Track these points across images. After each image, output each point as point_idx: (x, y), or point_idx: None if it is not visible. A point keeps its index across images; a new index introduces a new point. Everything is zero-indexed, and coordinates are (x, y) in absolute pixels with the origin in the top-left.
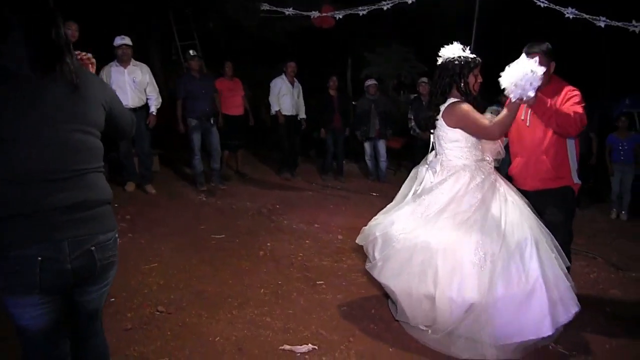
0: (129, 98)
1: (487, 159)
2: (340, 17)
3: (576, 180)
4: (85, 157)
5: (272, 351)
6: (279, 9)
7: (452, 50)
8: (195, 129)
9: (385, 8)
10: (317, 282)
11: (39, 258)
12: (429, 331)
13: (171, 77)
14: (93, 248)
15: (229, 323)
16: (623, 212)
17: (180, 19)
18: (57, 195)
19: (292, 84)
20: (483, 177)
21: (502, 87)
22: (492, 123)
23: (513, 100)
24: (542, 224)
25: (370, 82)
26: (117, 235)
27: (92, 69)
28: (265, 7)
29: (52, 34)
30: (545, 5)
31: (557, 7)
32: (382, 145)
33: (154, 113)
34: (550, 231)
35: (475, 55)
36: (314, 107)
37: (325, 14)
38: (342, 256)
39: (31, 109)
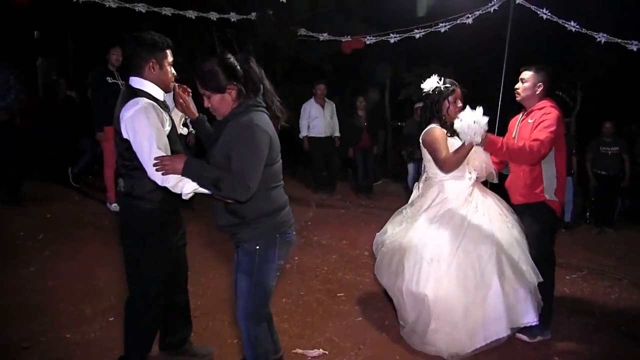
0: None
1: (469, 175)
2: (372, 42)
3: (549, 197)
4: None
5: (286, 354)
6: (314, 35)
7: (430, 84)
8: None
9: (417, 36)
10: (338, 294)
11: (294, 234)
12: (405, 327)
13: None
14: None
15: None
16: None
17: (225, 41)
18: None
19: (323, 105)
20: (456, 192)
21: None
22: (445, 157)
23: (465, 143)
24: (519, 239)
25: (418, 104)
26: None
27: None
28: (302, 32)
29: None
30: (577, 29)
31: (589, 32)
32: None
33: (193, 132)
34: (528, 243)
35: (449, 85)
36: (344, 127)
37: (354, 38)
38: (366, 271)
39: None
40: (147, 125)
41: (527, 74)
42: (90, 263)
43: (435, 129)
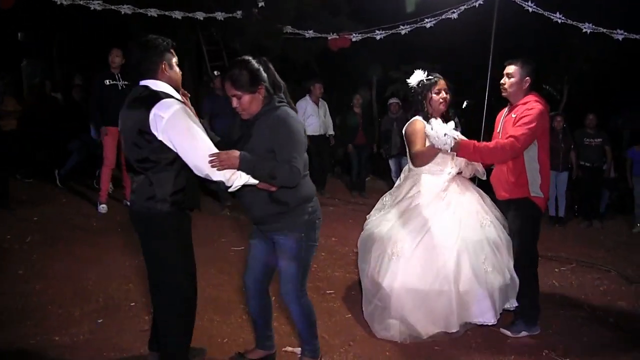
0: None
1: (449, 170)
2: (358, 39)
3: (534, 192)
4: None
5: (276, 352)
6: (300, 32)
7: (415, 78)
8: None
9: (403, 32)
10: (327, 292)
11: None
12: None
13: (202, 99)
14: None
15: (238, 327)
16: None
17: (210, 41)
18: None
19: (317, 104)
20: (430, 187)
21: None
22: (417, 151)
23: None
24: (495, 238)
25: (392, 100)
26: None
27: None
28: (288, 29)
29: None
30: (563, 21)
31: (575, 23)
32: (405, 163)
33: None
34: (512, 238)
35: (432, 77)
36: (339, 125)
37: (340, 35)
38: (355, 268)
39: None
40: (192, 124)
41: (512, 68)
42: (78, 265)
43: (416, 121)
